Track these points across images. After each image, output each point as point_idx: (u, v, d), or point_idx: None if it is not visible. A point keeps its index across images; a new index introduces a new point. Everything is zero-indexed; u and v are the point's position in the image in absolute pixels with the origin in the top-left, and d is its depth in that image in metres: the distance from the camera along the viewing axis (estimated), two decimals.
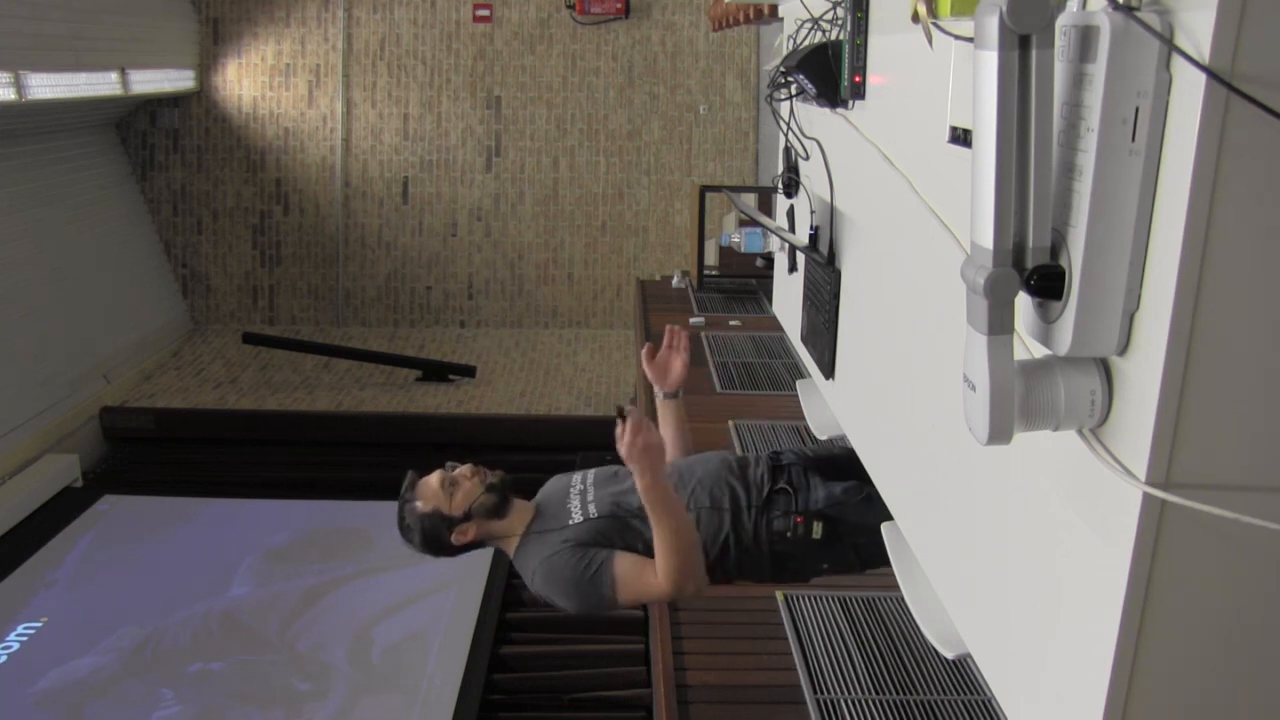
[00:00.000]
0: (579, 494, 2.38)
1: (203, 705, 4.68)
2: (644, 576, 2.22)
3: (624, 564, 2.24)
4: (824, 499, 2.36)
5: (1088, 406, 1.00)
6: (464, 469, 2.39)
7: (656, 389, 2.59)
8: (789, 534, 2.32)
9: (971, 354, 1.00)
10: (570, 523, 2.30)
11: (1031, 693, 1.20)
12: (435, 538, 2.34)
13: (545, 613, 5.31)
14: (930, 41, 1.44)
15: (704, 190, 7.99)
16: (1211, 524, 0.94)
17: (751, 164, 9.41)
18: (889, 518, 1.79)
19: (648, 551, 2.25)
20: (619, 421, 2.14)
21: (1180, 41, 0.88)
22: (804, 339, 2.42)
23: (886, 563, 1.81)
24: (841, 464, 2.44)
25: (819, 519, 2.32)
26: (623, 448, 2.12)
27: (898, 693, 3.22)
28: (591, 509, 2.32)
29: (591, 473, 2.47)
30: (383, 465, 7.07)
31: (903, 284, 1.69)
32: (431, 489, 2.35)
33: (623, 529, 2.28)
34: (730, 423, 5.28)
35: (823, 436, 2.45)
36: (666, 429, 2.56)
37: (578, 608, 2.30)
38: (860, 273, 1.99)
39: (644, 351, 2.55)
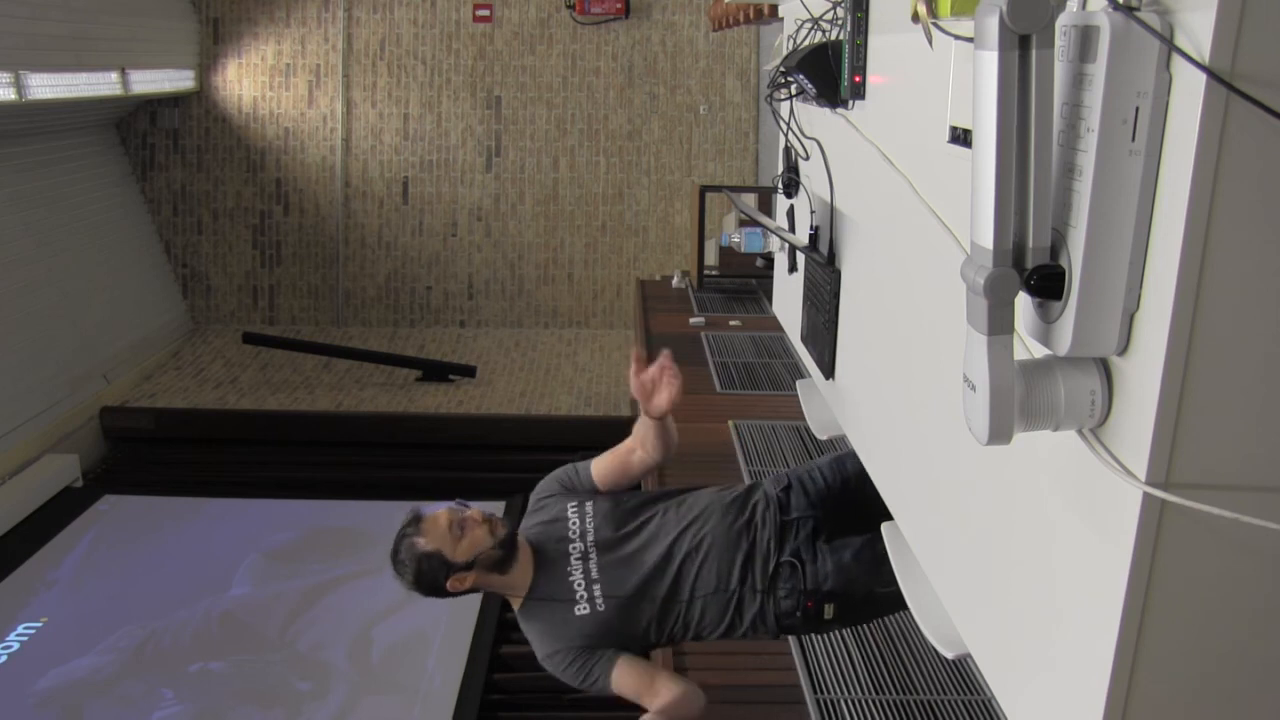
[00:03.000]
0: (580, 560, 2.28)
1: (203, 705, 4.68)
2: (640, 685, 2.21)
3: (621, 674, 2.21)
4: (833, 573, 2.26)
5: (1088, 406, 1.00)
6: (474, 513, 2.27)
7: (641, 406, 2.35)
8: (798, 613, 2.26)
9: (971, 354, 1.00)
10: (576, 613, 2.24)
11: (1031, 693, 1.20)
12: (431, 579, 2.24)
13: None
14: (930, 41, 1.44)
15: (704, 190, 7.99)
16: (1211, 524, 0.94)
17: (751, 164, 9.41)
18: (895, 581, 1.76)
19: (648, 634, 2.26)
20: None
21: (1180, 41, 0.88)
22: (804, 339, 2.42)
23: (901, 608, 1.76)
24: (854, 501, 2.36)
25: (829, 600, 2.25)
26: (652, 389, 2.25)
27: (898, 693, 3.22)
28: (598, 595, 2.25)
29: (590, 519, 2.33)
30: (383, 465, 7.10)
31: (903, 284, 1.69)
32: (439, 529, 2.23)
33: (628, 622, 2.25)
34: (730, 423, 5.28)
35: (823, 436, 2.43)
36: (645, 435, 2.36)
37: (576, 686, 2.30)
38: (860, 273, 1.99)
39: (633, 360, 2.34)
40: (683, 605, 2.26)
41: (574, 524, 2.33)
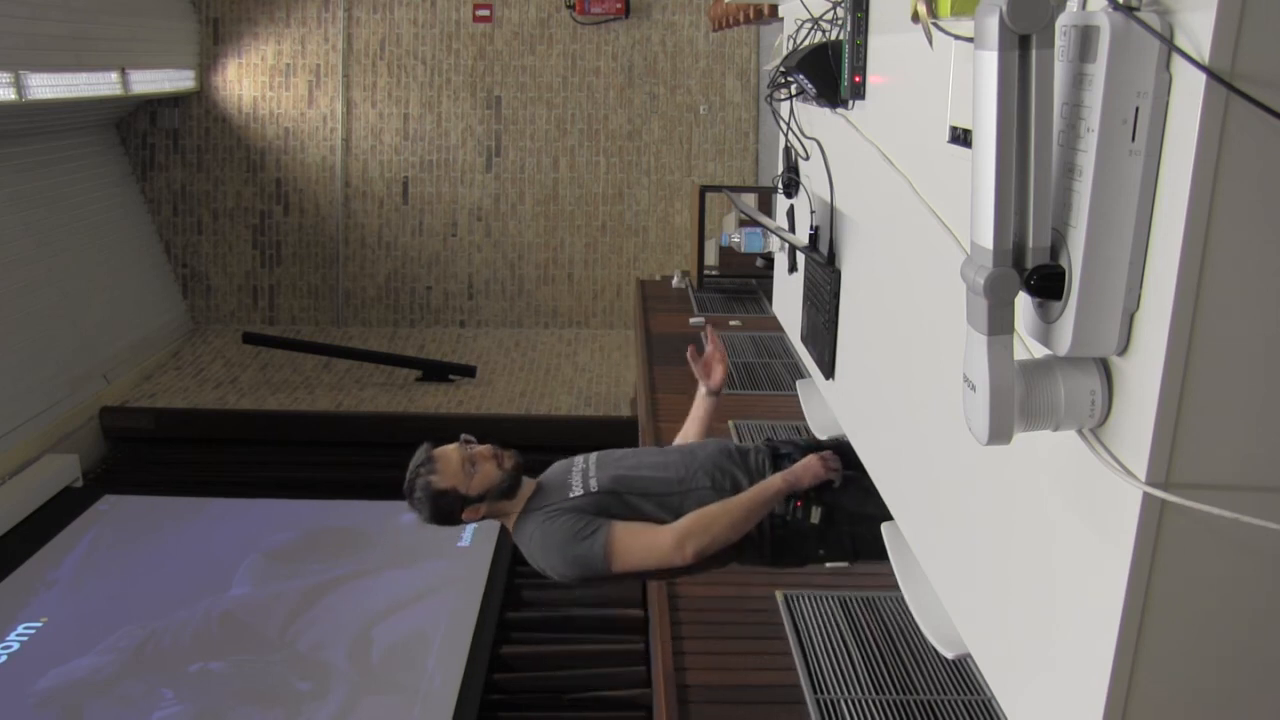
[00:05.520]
0: (580, 471, 2.45)
1: (203, 705, 4.68)
2: (645, 535, 2.29)
3: (622, 529, 2.29)
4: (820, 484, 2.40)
5: (1088, 406, 1.00)
6: (483, 449, 2.42)
7: (702, 385, 2.75)
8: (788, 518, 2.38)
9: (971, 354, 1.00)
10: (570, 495, 2.37)
11: (1031, 693, 1.20)
12: (448, 514, 2.40)
13: (546, 612, 5.32)
14: (930, 41, 1.44)
15: (704, 190, 7.98)
16: (1211, 524, 0.94)
17: (751, 164, 9.41)
18: (885, 512, 1.80)
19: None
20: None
21: (1180, 41, 0.88)
22: (804, 339, 2.42)
23: (881, 557, 1.81)
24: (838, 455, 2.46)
25: (818, 504, 2.37)
26: (820, 468, 2.34)
27: (898, 693, 3.22)
28: (593, 483, 2.39)
29: (595, 454, 2.54)
30: (383, 465, 7.08)
31: (903, 284, 1.69)
32: (452, 466, 2.37)
33: (623, 505, 2.35)
34: (730, 422, 5.28)
35: (823, 436, 2.45)
36: (696, 417, 2.75)
37: (570, 571, 2.33)
38: (860, 273, 1.99)
39: (690, 351, 2.74)
40: (677, 499, 2.37)
41: (579, 460, 2.53)
